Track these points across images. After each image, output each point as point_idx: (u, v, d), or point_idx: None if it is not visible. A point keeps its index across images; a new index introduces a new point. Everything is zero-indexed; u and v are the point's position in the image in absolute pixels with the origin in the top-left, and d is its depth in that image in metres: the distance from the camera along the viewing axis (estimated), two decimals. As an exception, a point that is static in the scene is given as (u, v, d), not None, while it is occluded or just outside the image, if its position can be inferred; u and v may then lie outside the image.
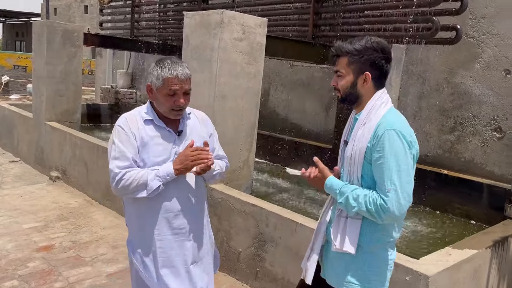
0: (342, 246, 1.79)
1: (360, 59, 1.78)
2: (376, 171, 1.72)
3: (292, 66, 6.93)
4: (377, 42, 1.80)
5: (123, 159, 1.96)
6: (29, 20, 28.63)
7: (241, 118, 3.83)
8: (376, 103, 1.79)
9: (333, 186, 1.83)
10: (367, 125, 1.76)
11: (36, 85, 6.50)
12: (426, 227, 4.54)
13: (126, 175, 1.94)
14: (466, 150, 5.04)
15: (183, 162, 1.94)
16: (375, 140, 1.72)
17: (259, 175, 6.14)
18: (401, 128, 1.71)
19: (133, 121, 2.02)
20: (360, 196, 1.72)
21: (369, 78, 1.79)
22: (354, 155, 1.78)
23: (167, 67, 1.96)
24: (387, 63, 1.82)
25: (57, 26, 6.18)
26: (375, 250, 1.82)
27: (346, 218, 1.81)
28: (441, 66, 5.21)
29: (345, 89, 1.83)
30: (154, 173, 1.94)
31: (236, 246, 3.48)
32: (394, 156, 1.67)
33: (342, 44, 1.82)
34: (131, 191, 1.96)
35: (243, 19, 3.67)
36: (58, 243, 4.04)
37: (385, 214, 1.67)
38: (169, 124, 2.06)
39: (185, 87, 1.99)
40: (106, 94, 9.98)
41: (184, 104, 2.00)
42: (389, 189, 1.66)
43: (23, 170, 6.50)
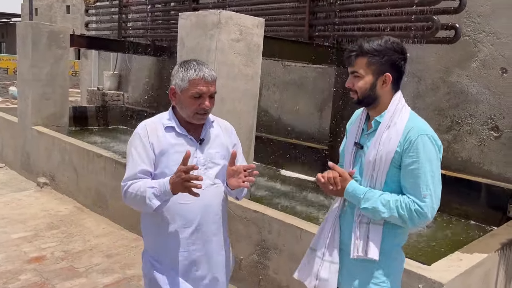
0: (366, 253, 1.73)
1: (380, 60, 1.70)
2: (407, 176, 1.67)
3: (284, 66, 6.84)
4: (397, 42, 1.74)
5: (132, 169, 1.89)
6: (9, 21, 28.02)
7: (239, 121, 3.73)
8: (398, 107, 1.74)
9: (356, 191, 1.74)
10: (393, 129, 1.70)
11: (21, 88, 6.29)
12: (425, 228, 4.50)
13: (130, 188, 1.87)
14: (463, 150, 5.02)
15: (175, 181, 1.75)
16: (406, 145, 1.66)
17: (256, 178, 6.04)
18: (432, 133, 1.69)
19: (152, 129, 1.93)
20: (390, 201, 1.66)
21: (389, 80, 1.72)
22: (379, 160, 1.71)
23: (193, 68, 1.88)
24: (405, 64, 1.77)
25: (43, 28, 5.98)
26: (395, 255, 1.79)
27: (368, 224, 1.74)
28: (437, 65, 5.18)
29: (364, 91, 1.74)
30: (152, 191, 1.81)
31: (238, 253, 3.37)
32: (429, 162, 1.64)
33: (361, 43, 1.74)
34: (138, 206, 1.88)
35: (240, 19, 3.57)
36: (50, 253, 3.88)
37: (420, 219, 1.64)
38: (191, 132, 1.96)
39: (211, 89, 1.90)
40: (92, 96, 9.75)
41: (209, 107, 1.91)
42: (425, 195, 1.63)
43: (9, 177, 6.28)
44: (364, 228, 1.75)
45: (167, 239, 1.94)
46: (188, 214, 1.93)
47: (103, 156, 4.77)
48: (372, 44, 1.71)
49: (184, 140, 1.94)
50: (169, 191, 1.78)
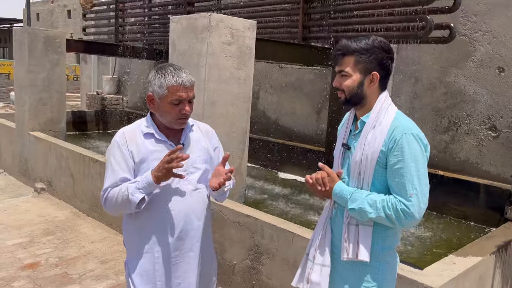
0: (356, 255, 1.70)
1: (368, 58, 1.68)
2: (393, 176, 1.64)
3: (281, 68, 6.82)
4: (383, 41, 1.72)
5: (112, 177, 1.88)
6: (12, 26, 28.15)
7: (232, 124, 3.70)
8: (383, 106, 1.71)
9: (343, 191, 1.72)
10: (378, 128, 1.68)
11: (19, 94, 6.29)
12: (423, 230, 4.45)
13: (110, 193, 1.86)
14: (461, 150, 4.97)
15: (160, 168, 1.78)
16: (391, 144, 1.64)
17: (251, 181, 6.01)
18: (417, 131, 1.65)
19: (131, 136, 1.91)
20: (377, 201, 1.64)
21: (377, 78, 1.70)
22: (365, 160, 1.69)
23: (171, 74, 1.84)
24: (392, 63, 1.75)
25: (39, 33, 5.98)
26: (387, 258, 1.75)
27: (357, 226, 1.72)
28: (433, 65, 5.14)
29: (351, 90, 1.72)
30: (134, 185, 1.81)
31: (231, 258, 3.34)
32: (414, 160, 1.61)
33: (348, 42, 1.72)
34: (119, 208, 1.87)
35: (232, 22, 3.54)
36: (44, 259, 3.86)
37: (406, 219, 1.60)
38: (170, 137, 1.94)
39: (190, 95, 1.88)
40: (92, 101, 9.77)
41: (190, 112, 1.90)
42: (411, 194, 1.60)
43: (7, 182, 6.28)
44: (353, 229, 1.72)
45: (150, 247, 1.91)
46: (171, 221, 1.90)
47: (98, 161, 4.75)
48: (360, 43, 1.69)
49: (164, 146, 1.91)
50: (152, 182, 1.78)
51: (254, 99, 7.12)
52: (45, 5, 25.88)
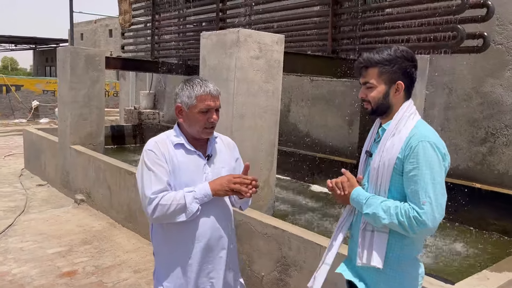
0: (369, 261, 1.70)
1: (391, 69, 1.71)
2: (408, 183, 1.64)
3: (312, 81, 6.84)
4: (406, 50, 1.74)
5: (158, 183, 1.88)
6: (58, 46, 29.69)
7: (261, 137, 3.75)
8: (405, 114, 1.72)
9: (359, 196, 1.74)
10: (397, 136, 1.69)
11: (62, 109, 6.62)
12: (460, 245, 4.30)
13: (163, 199, 1.86)
14: (499, 162, 4.79)
15: (223, 186, 1.88)
16: (407, 151, 1.64)
17: (282, 193, 6.02)
18: (435, 140, 1.64)
19: (163, 145, 1.97)
20: (391, 207, 1.64)
21: (401, 88, 1.73)
22: (382, 166, 1.70)
23: (199, 84, 1.94)
24: (416, 71, 1.77)
25: (80, 52, 6.30)
26: (405, 268, 1.73)
27: (372, 232, 1.72)
28: (468, 75, 5.01)
29: (377, 101, 1.75)
30: (192, 195, 1.87)
31: (259, 270, 3.36)
32: (429, 168, 1.60)
33: (370, 54, 1.75)
34: (170, 216, 1.87)
35: (260, 36, 3.62)
36: (81, 268, 4.01)
37: (418, 227, 1.58)
38: (197, 148, 2.01)
39: (217, 103, 1.97)
40: (129, 115, 10.11)
41: (217, 121, 1.98)
42: (424, 202, 1.58)
43: (50, 194, 6.58)
44: (368, 235, 1.73)
45: (180, 257, 1.97)
46: (199, 231, 1.95)
47: (134, 173, 4.92)
48: (382, 54, 1.72)
49: (193, 156, 1.98)
50: (210, 194, 1.88)
51: (285, 112, 7.16)
52: (89, 25, 27.18)
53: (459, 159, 5.10)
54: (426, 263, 3.95)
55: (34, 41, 28.31)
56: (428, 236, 1.75)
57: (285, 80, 6.50)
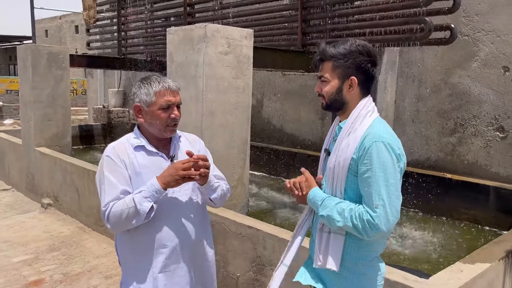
0: (325, 263, 1.66)
1: (345, 63, 1.64)
2: (362, 185, 1.59)
3: (284, 75, 6.79)
4: (362, 45, 1.67)
5: (111, 193, 1.81)
6: (21, 43, 28.62)
7: (232, 134, 3.67)
8: (362, 112, 1.66)
9: (316, 197, 1.69)
10: (352, 135, 1.63)
11: (24, 110, 6.35)
12: (433, 236, 4.36)
13: (113, 207, 1.79)
14: (468, 152, 4.87)
15: (172, 176, 1.77)
16: (361, 152, 1.58)
17: (257, 190, 5.96)
18: (389, 140, 1.58)
19: (122, 150, 1.88)
20: (345, 210, 1.59)
21: (355, 83, 1.66)
22: (337, 166, 1.64)
23: (156, 81, 1.86)
24: (373, 67, 1.69)
25: (42, 50, 6.04)
26: (362, 269, 1.68)
27: (329, 233, 1.68)
28: (437, 66, 5.06)
29: (330, 95, 1.69)
30: (141, 195, 1.77)
31: (234, 270, 3.29)
32: (383, 170, 1.54)
33: (325, 47, 1.68)
34: (125, 222, 1.79)
35: (228, 31, 3.52)
36: (49, 276, 3.84)
37: (372, 231, 1.53)
38: (160, 149, 1.92)
39: (178, 99, 1.90)
40: (98, 114, 9.83)
41: (179, 117, 1.89)
42: (377, 205, 1.53)
43: (15, 199, 6.31)
44: (325, 237, 1.68)
45: (148, 263, 1.88)
46: (167, 233, 1.88)
47: (102, 175, 4.75)
48: (337, 47, 1.66)
49: (155, 158, 1.90)
50: (160, 189, 1.77)
51: (258, 107, 7.10)
52: (53, 21, 26.30)
53: (430, 150, 5.16)
54: (400, 255, 3.98)
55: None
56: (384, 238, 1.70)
57: (257, 75, 6.43)
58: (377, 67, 1.72)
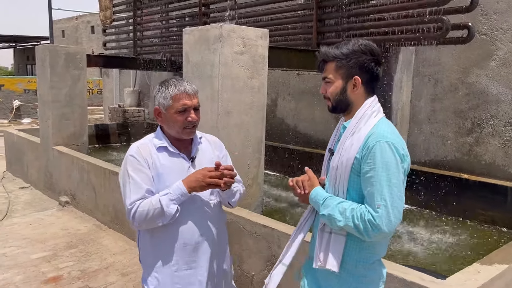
0: (325, 263, 1.66)
1: (348, 63, 1.65)
2: (365, 185, 1.58)
3: (299, 75, 6.78)
4: (365, 44, 1.67)
5: (136, 191, 1.85)
6: (39, 44, 29.08)
7: (247, 133, 3.68)
8: (367, 112, 1.66)
9: (317, 196, 1.69)
10: (356, 135, 1.62)
11: (42, 110, 6.46)
12: (449, 237, 4.31)
13: (139, 207, 1.83)
14: (486, 152, 4.81)
15: (199, 181, 1.82)
16: (365, 151, 1.57)
17: (271, 189, 5.97)
18: (393, 140, 1.57)
19: (145, 149, 1.92)
20: (347, 210, 1.58)
21: (359, 83, 1.66)
22: (340, 166, 1.64)
23: (173, 84, 1.90)
24: (377, 66, 1.69)
25: (60, 50, 6.14)
26: (362, 272, 1.67)
27: (330, 234, 1.67)
28: (454, 65, 5.00)
29: (335, 96, 1.69)
30: (167, 197, 1.82)
31: (249, 269, 3.31)
32: (386, 170, 1.53)
33: (328, 49, 1.70)
34: (150, 221, 1.84)
35: (243, 31, 3.54)
36: (67, 273, 3.91)
37: (373, 231, 1.52)
38: (181, 150, 1.96)
39: (194, 102, 1.92)
40: (114, 114, 9.95)
41: (196, 120, 1.91)
42: (379, 205, 1.52)
43: (33, 197, 6.43)
44: (326, 237, 1.68)
45: (167, 261, 1.92)
46: (186, 233, 1.92)
47: (118, 174, 4.81)
48: (340, 48, 1.66)
49: (177, 159, 1.94)
50: (186, 192, 1.82)
51: (272, 107, 7.10)
52: (70, 22, 26.69)
53: (446, 150, 5.10)
54: (416, 256, 3.95)
55: (14, 39, 27.66)
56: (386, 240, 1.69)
57: (271, 75, 6.42)
58: (381, 66, 1.71)
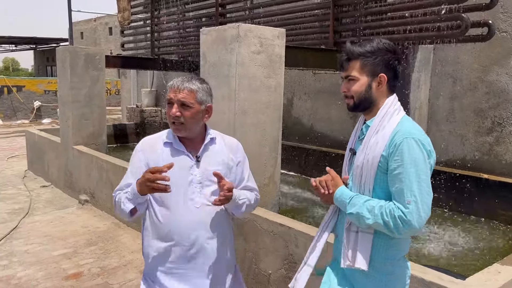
0: (354, 263, 1.66)
1: (374, 61, 1.66)
2: (393, 182, 1.58)
3: (315, 74, 6.76)
4: (388, 43, 1.70)
5: (123, 181, 1.96)
6: (58, 45, 29.62)
7: (264, 133, 3.70)
8: (389, 110, 1.66)
9: (343, 195, 1.69)
10: (381, 133, 1.63)
11: (62, 110, 6.59)
12: (469, 237, 4.25)
13: (116, 197, 1.95)
14: (506, 152, 4.73)
15: (142, 184, 1.76)
16: (392, 149, 1.58)
17: (287, 188, 5.97)
18: (420, 136, 1.58)
19: (150, 145, 1.95)
20: (375, 207, 1.58)
21: (384, 80, 1.68)
22: (366, 164, 1.65)
23: (174, 79, 1.93)
24: (399, 65, 1.72)
25: (79, 51, 6.25)
26: (391, 269, 1.68)
27: (357, 233, 1.67)
28: (473, 64, 4.93)
29: (360, 94, 1.69)
30: (125, 195, 1.85)
31: (266, 268, 3.32)
32: (414, 166, 1.54)
33: (352, 47, 1.70)
34: (121, 214, 1.92)
35: (260, 31, 3.55)
36: (87, 269, 3.99)
37: (404, 228, 1.53)
38: (189, 148, 1.93)
39: (179, 96, 1.85)
40: (132, 113, 10.08)
41: (178, 116, 1.85)
42: (409, 201, 1.52)
43: (54, 195, 6.57)
44: (353, 236, 1.68)
45: (162, 258, 1.92)
46: (180, 233, 1.89)
47: (136, 172, 4.88)
48: (364, 46, 1.67)
49: (180, 157, 1.91)
50: (137, 193, 1.79)
51: (288, 106, 7.10)
52: (88, 23, 27.10)
53: (466, 149, 5.03)
54: (435, 256, 3.91)
55: (34, 41, 28.24)
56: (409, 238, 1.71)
57: (288, 74, 6.42)
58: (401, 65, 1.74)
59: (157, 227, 1.91)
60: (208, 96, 1.93)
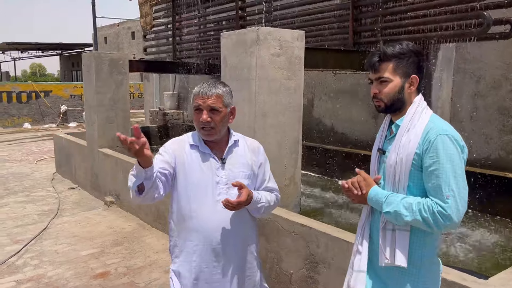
0: (393, 260, 1.67)
1: (406, 62, 1.70)
2: (429, 178, 1.61)
3: (335, 74, 6.76)
4: (415, 45, 1.75)
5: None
6: (83, 51, 30.35)
7: (284, 134, 3.74)
8: (418, 109, 1.70)
9: (378, 195, 1.71)
10: (412, 132, 1.66)
11: (88, 114, 6.78)
12: (493, 237, 4.19)
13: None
14: (532, 151, 4.63)
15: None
16: (425, 146, 1.62)
17: (309, 189, 5.99)
18: (452, 132, 1.62)
19: (180, 144, 2.02)
20: (413, 204, 1.61)
21: (416, 81, 1.72)
22: (399, 163, 1.67)
23: (199, 86, 1.97)
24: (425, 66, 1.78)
25: (104, 56, 6.43)
26: (428, 265, 1.71)
27: (393, 231, 1.70)
28: (497, 61, 4.85)
29: (392, 95, 1.71)
30: (131, 173, 1.84)
31: (287, 267, 3.36)
32: (450, 162, 1.58)
33: (385, 48, 1.74)
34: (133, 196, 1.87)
35: (280, 33, 3.60)
36: (114, 269, 4.11)
37: (444, 222, 1.56)
38: (214, 150, 2.00)
39: (208, 102, 1.92)
40: (154, 116, 10.26)
41: (208, 121, 1.92)
42: (448, 196, 1.56)
43: (81, 197, 6.76)
44: (389, 234, 1.70)
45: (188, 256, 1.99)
46: (206, 232, 1.95)
47: (160, 174, 4.98)
48: (395, 48, 1.71)
49: (206, 158, 1.98)
50: (137, 164, 1.76)
51: (309, 107, 7.11)
52: (112, 28, 27.68)
53: (490, 148, 4.95)
54: (459, 256, 3.87)
55: (60, 47, 29.02)
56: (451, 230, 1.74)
57: (308, 75, 6.44)
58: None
59: (185, 226, 1.98)
60: (231, 98, 2.02)
